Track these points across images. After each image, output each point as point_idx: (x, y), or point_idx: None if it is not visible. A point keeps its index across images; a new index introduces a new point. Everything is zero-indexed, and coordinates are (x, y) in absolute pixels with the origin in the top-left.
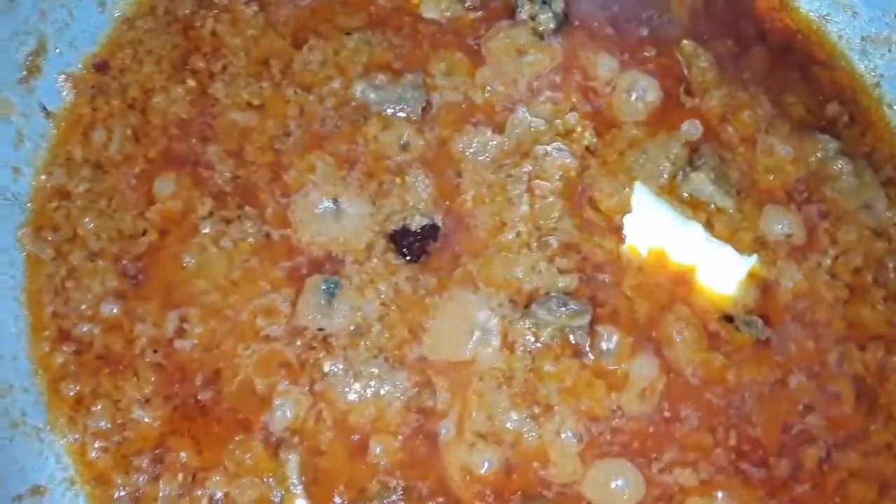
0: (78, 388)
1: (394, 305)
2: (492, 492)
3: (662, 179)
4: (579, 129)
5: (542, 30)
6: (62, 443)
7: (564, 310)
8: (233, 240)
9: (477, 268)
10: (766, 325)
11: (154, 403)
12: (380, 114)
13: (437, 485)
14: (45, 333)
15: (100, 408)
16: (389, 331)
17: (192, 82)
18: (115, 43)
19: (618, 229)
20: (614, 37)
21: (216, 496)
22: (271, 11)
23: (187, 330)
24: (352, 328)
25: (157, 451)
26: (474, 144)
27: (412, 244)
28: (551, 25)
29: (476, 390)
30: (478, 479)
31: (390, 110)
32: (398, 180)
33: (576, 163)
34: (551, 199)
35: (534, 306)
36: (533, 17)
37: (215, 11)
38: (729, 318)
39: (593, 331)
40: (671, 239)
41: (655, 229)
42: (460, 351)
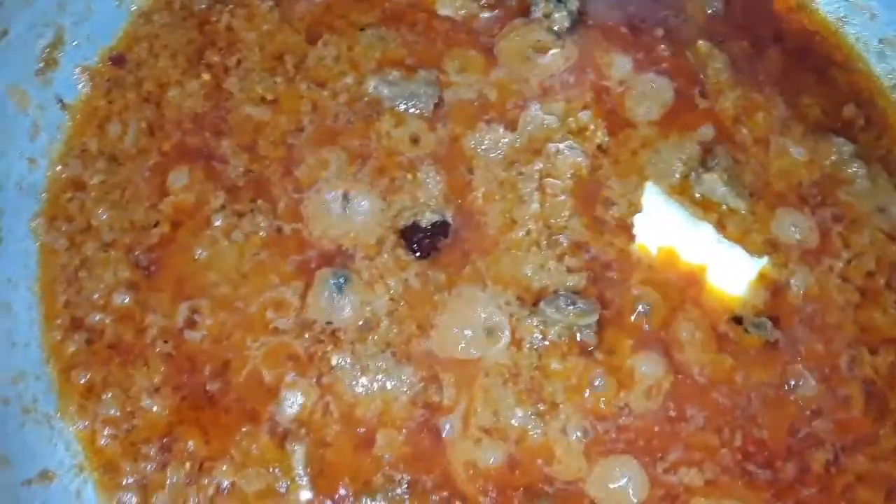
0: (89, 376)
1: (402, 301)
2: (495, 487)
3: (674, 179)
4: (592, 127)
5: (557, 28)
6: (72, 429)
7: (572, 308)
8: (244, 233)
9: (486, 265)
10: (775, 327)
11: (163, 393)
12: (392, 109)
13: (441, 479)
14: (58, 322)
15: (110, 396)
16: (398, 326)
17: (206, 76)
18: (131, 37)
19: (628, 228)
20: (629, 36)
21: (223, 485)
22: (286, 7)
23: (197, 321)
24: (360, 322)
25: (166, 439)
26: (486, 141)
27: (422, 240)
28: (566, 24)
29: (482, 386)
30: (482, 474)
31: (403, 106)
32: (409, 176)
33: (587, 161)
34: (562, 197)
35: (542, 304)
36: (547, 16)
37: (231, 6)
38: (738, 320)
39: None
40: (682, 239)
41: (666, 229)
42: (467, 347)
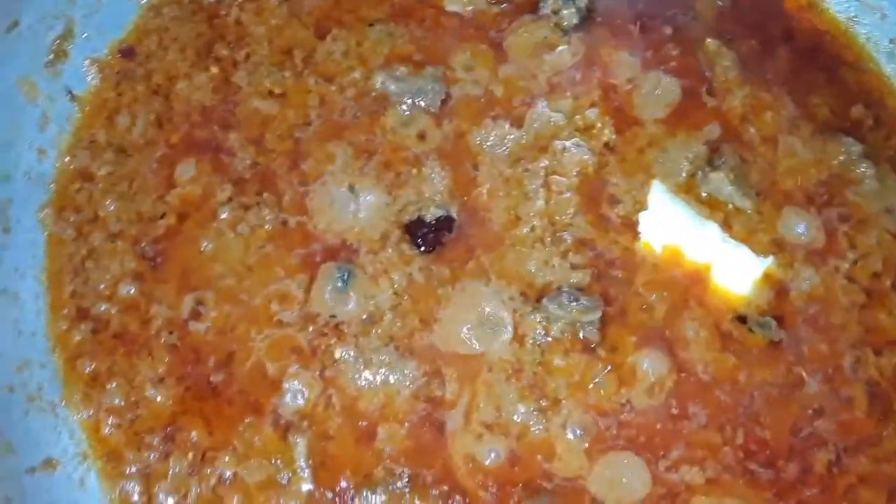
0: (94, 365)
1: (406, 295)
2: (495, 482)
3: (681, 178)
4: (599, 125)
5: (565, 25)
6: (76, 418)
7: (575, 305)
8: (250, 226)
9: (490, 260)
10: (779, 327)
11: (167, 383)
12: (399, 104)
13: (442, 473)
14: (64, 312)
15: (114, 385)
16: (401, 320)
17: (215, 70)
18: (141, 30)
19: (633, 226)
20: (637, 34)
21: (225, 475)
22: (295, 2)
23: (202, 313)
24: (364, 316)
25: (169, 429)
26: (492, 138)
27: (427, 235)
28: (574, 21)
29: (485, 381)
30: (482, 468)
31: (410, 101)
32: (415, 171)
33: (593, 159)
34: (567, 194)
35: (545, 300)
36: (556, 12)
37: (240, 1)
38: (742, 319)
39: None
40: (687, 237)
41: (671, 227)
42: (470, 342)
